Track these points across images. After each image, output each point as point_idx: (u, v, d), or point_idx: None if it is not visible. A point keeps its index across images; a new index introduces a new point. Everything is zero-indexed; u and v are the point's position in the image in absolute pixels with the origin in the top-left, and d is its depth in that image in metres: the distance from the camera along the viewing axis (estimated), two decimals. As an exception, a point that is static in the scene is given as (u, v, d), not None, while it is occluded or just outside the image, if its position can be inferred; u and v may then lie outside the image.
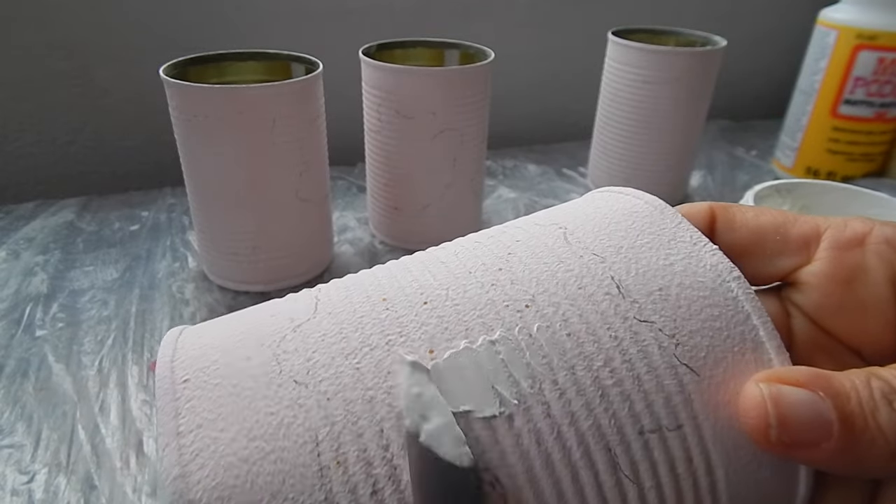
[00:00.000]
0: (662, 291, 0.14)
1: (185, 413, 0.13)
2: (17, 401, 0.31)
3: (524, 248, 0.16)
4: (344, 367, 0.13)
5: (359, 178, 0.55)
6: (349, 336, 0.14)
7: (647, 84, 0.48)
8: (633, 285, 0.14)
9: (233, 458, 0.12)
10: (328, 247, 0.42)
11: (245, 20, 0.53)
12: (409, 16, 0.58)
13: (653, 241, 0.15)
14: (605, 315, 0.14)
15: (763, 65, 0.76)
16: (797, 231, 0.16)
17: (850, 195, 0.39)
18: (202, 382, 0.13)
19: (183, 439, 0.12)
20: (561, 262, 0.15)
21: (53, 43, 0.49)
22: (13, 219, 0.47)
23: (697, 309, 0.14)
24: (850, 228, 0.16)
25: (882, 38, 0.50)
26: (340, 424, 0.12)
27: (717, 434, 0.13)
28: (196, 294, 0.39)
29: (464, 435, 0.12)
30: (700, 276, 0.15)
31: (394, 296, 0.15)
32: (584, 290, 0.14)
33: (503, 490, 0.12)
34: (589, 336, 0.13)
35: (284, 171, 0.36)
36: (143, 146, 0.55)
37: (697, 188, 0.56)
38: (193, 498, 0.12)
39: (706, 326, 0.14)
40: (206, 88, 0.33)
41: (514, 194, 0.54)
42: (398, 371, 0.13)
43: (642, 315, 0.14)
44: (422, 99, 0.39)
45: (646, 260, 0.15)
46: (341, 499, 0.12)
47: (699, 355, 0.14)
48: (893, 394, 0.13)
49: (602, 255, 0.15)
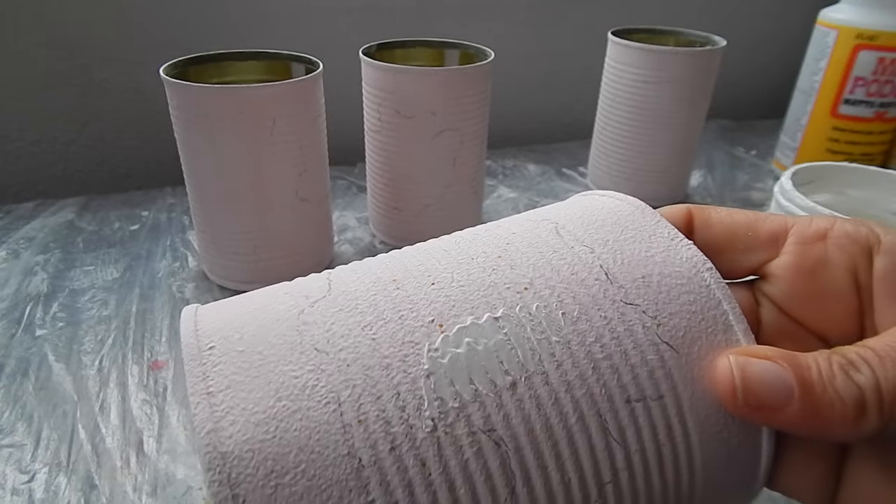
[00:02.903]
0: (645, 279, 0.16)
1: (213, 376, 0.14)
2: (17, 400, 0.31)
3: (520, 238, 0.17)
4: (361, 337, 0.14)
5: (359, 178, 0.55)
6: (364, 311, 0.15)
7: (647, 84, 0.48)
8: (619, 273, 0.16)
9: (261, 415, 0.13)
10: (328, 246, 0.42)
11: (245, 20, 0.53)
12: (409, 16, 0.58)
13: (635, 236, 0.17)
14: (596, 298, 0.15)
15: (763, 65, 0.76)
16: (767, 228, 0.18)
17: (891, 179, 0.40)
18: (227, 349, 0.14)
19: (213, 398, 0.13)
20: (555, 251, 0.17)
21: (53, 43, 0.49)
22: (13, 218, 0.47)
23: (675, 294, 0.16)
24: (814, 224, 0.17)
25: (882, 38, 0.50)
26: (360, 388, 0.14)
27: (693, 404, 0.15)
28: (196, 294, 0.39)
29: (474, 400, 0.14)
30: (677, 266, 0.16)
31: (402, 278, 0.16)
32: (576, 275, 0.16)
33: (507, 449, 0.14)
34: (582, 315, 0.15)
35: (284, 171, 0.36)
36: (143, 146, 0.55)
37: (697, 188, 0.56)
38: (226, 450, 0.13)
39: (683, 310, 0.16)
40: (206, 88, 0.33)
41: (514, 194, 0.54)
42: (412, 341, 0.14)
43: (628, 298, 0.16)
44: (422, 99, 0.39)
45: (630, 252, 0.17)
46: (363, 453, 0.13)
47: (678, 335, 0.15)
48: (850, 366, 0.14)
49: (591, 246, 0.17)
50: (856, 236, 0.16)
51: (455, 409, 0.14)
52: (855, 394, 0.14)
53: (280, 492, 0.12)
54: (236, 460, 0.13)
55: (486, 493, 0.13)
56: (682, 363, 0.15)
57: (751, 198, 0.55)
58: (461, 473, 0.13)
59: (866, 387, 0.14)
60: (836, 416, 0.14)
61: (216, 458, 0.13)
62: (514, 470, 0.14)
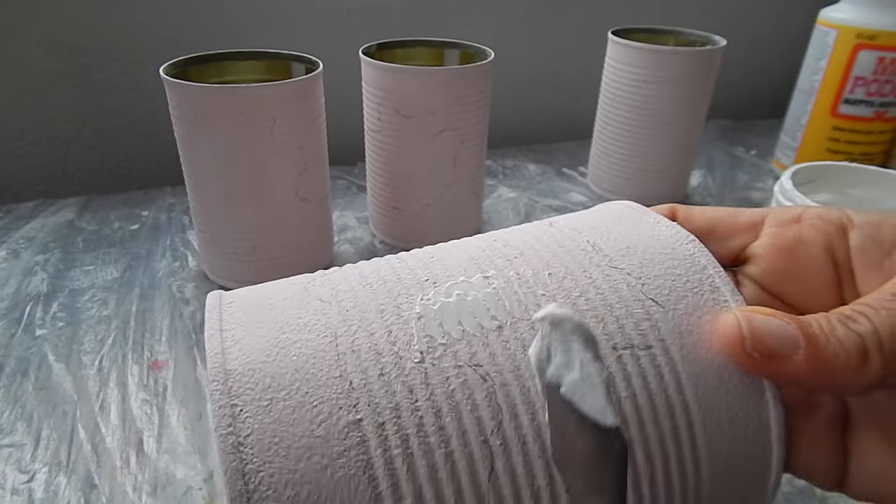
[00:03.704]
0: (630, 248, 0.17)
1: (227, 319, 0.16)
2: (17, 400, 0.31)
3: (515, 230, 0.19)
4: (361, 289, 0.16)
5: (359, 178, 0.55)
6: (367, 275, 0.17)
7: (647, 84, 0.48)
8: (604, 245, 0.17)
9: (265, 343, 0.15)
10: (328, 246, 0.42)
11: (245, 20, 0.53)
12: (409, 16, 0.58)
13: (620, 221, 0.18)
14: (581, 263, 0.17)
15: (763, 65, 0.76)
16: (746, 216, 0.19)
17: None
18: (242, 304, 0.16)
19: (225, 333, 0.15)
20: (546, 233, 0.18)
21: (53, 43, 0.49)
22: (13, 218, 0.47)
23: (660, 260, 0.17)
24: (789, 210, 0.19)
25: (882, 37, 0.50)
26: (356, 325, 0.15)
27: (684, 357, 0.15)
28: (196, 293, 0.39)
29: (461, 338, 0.15)
30: (661, 239, 0.17)
31: (405, 258, 0.18)
32: (563, 247, 0.17)
33: (492, 384, 0.14)
34: (567, 275, 0.16)
35: (284, 170, 0.36)
36: (143, 146, 0.55)
37: (697, 188, 0.56)
38: (230, 368, 0.14)
39: (668, 273, 0.16)
40: (206, 88, 0.33)
41: (514, 194, 0.54)
42: (407, 293, 0.16)
43: (612, 263, 0.16)
44: (422, 99, 0.39)
45: (615, 233, 0.18)
46: (354, 377, 0.14)
47: (662, 293, 0.16)
48: (847, 319, 0.15)
49: (579, 229, 0.18)
50: (828, 217, 0.18)
51: (443, 344, 0.15)
52: (856, 341, 0.14)
53: (275, 405, 0.14)
54: (238, 376, 0.14)
55: (473, 423, 0.14)
56: (668, 317, 0.16)
57: (751, 198, 0.55)
58: (447, 402, 0.14)
59: (866, 334, 0.14)
60: (841, 364, 0.14)
61: (220, 374, 0.14)
62: (501, 404, 0.14)
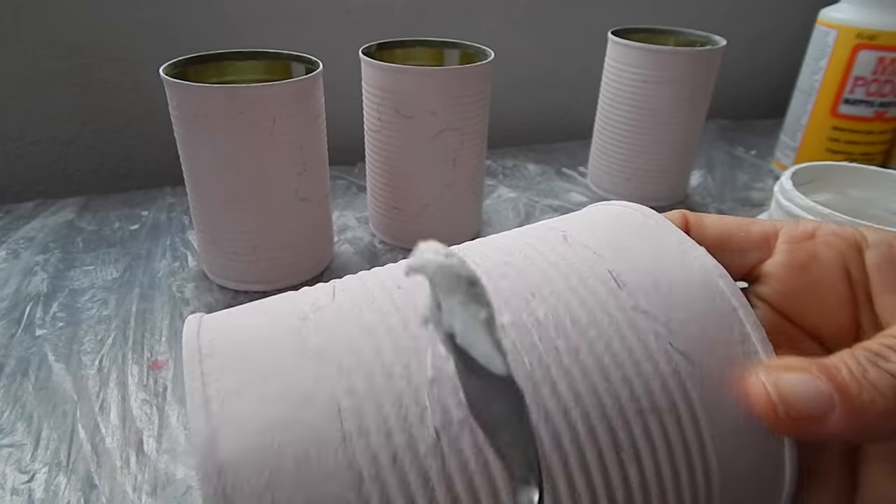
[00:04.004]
0: (656, 285, 0.15)
1: (211, 383, 0.13)
2: (17, 400, 0.31)
3: (526, 246, 0.17)
4: (364, 343, 0.14)
5: (359, 178, 0.55)
6: (367, 318, 0.14)
7: (647, 84, 0.48)
8: (629, 279, 0.15)
9: (259, 424, 0.13)
10: (328, 246, 0.42)
11: (245, 20, 0.53)
12: (409, 16, 0.58)
13: (643, 241, 0.17)
14: (605, 305, 0.15)
15: (763, 64, 0.76)
16: (757, 229, 0.18)
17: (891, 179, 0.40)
18: (227, 355, 0.14)
19: (210, 406, 0.13)
20: (563, 258, 0.16)
21: (53, 43, 0.49)
22: (13, 218, 0.47)
23: (688, 301, 0.15)
24: (801, 225, 0.18)
25: (882, 37, 0.50)
26: (362, 395, 0.13)
27: (709, 417, 0.14)
28: (196, 293, 0.39)
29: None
30: (690, 272, 0.16)
31: (408, 284, 0.15)
32: (585, 282, 0.15)
33: None
34: (591, 323, 0.14)
35: (284, 170, 0.36)
36: (143, 146, 0.55)
37: (697, 188, 0.56)
38: (221, 460, 0.12)
39: (697, 318, 0.15)
40: (206, 88, 0.33)
41: (514, 194, 0.54)
42: (415, 347, 0.14)
43: (639, 306, 0.15)
44: (422, 99, 0.39)
45: (640, 256, 0.16)
46: (363, 466, 0.12)
47: (691, 344, 0.15)
48: (877, 357, 0.14)
49: (600, 252, 0.16)
50: (843, 234, 0.17)
51: (460, 419, 0.13)
52: (891, 383, 0.14)
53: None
54: (231, 472, 0.12)
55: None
56: (695, 373, 0.14)
57: (751, 198, 0.55)
58: (466, 491, 0.12)
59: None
60: (879, 410, 0.13)
61: (211, 470, 0.12)
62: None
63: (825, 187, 0.41)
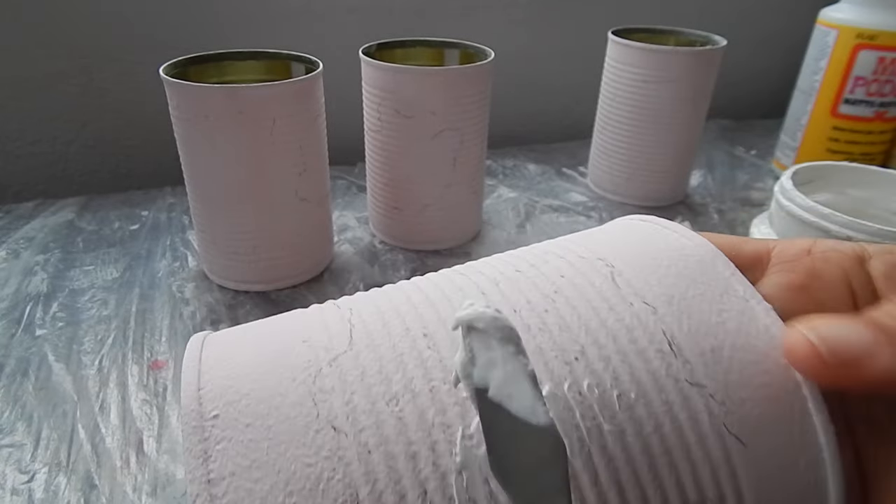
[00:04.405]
0: (715, 353, 0.14)
1: (215, 457, 0.12)
2: (17, 400, 0.31)
3: (570, 286, 0.15)
4: (386, 414, 0.13)
5: (359, 178, 0.55)
6: (390, 377, 0.13)
7: (647, 84, 0.48)
8: (685, 343, 0.14)
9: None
10: (328, 246, 0.42)
11: (245, 20, 0.53)
12: (409, 16, 0.58)
13: (705, 293, 0.15)
14: (657, 376, 0.13)
15: (763, 65, 0.76)
16: (749, 249, 0.17)
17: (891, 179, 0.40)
18: (233, 421, 0.13)
19: (214, 488, 0.12)
20: (611, 309, 0.14)
21: (53, 43, 0.49)
22: (13, 218, 0.47)
23: (749, 375, 0.14)
24: (796, 243, 0.17)
25: (882, 37, 0.50)
26: (382, 483, 0.12)
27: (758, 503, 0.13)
28: (196, 293, 0.39)
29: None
30: (753, 337, 0.14)
31: (434, 330, 0.14)
32: (635, 344, 0.14)
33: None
34: (640, 398, 0.13)
35: (284, 170, 0.36)
36: (143, 146, 0.55)
37: (697, 188, 0.56)
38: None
39: (757, 395, 0.14)
40: (206, 88, 0.33)
41: (514, 194, 0.54)
42: (443, 423, 0.12)
43: (693, 378, 0.13)
44: (422, 99, 0.39)
45: (698, 315, 0.14)
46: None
47: (747, 425, 0.13)
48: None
49: (653, 304, 0.14)
50: (842, 248, 0.16)
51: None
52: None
53: None
54: None
55: None
56: (749, 458, 0.13)
57: (751, 198, 0.55)
58: None
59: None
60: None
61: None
62: None
63: (825, 187, 0.41)
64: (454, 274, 0.16)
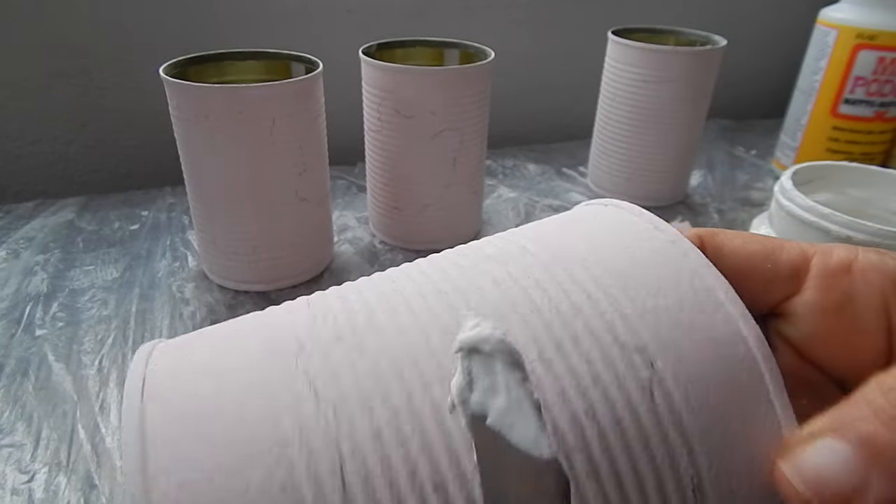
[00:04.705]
0: (700, 396, 0.13)
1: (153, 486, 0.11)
2: (17, 400, 0.31)
3: (569, 307, 0.14)
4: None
5: (359, 178, 0.55)
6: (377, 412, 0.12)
7: (647, 84, 0.48)
8: (671, 381, 0.13)
9: None
10: (328, 246, 0.42)
11: (245, 20, 0.53)
12: (409, 16, 0.58)
13: (692, 319, 0.14)
14: (641, 423, 0.13)
15: (763, 65, 0.76)
16: (786, 259, 0.16)
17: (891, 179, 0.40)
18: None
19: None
20: (598, 345, 0.13)
21: (53, 43, 0.49)
22: (13, 218, 0.47)
23: (728, 418, 0.13)
24: (836, 255, 0.15)
25: (882, 37, 0.50)
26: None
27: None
28: (196, 293, 0.39)
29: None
30: (735, 370, 0.13)
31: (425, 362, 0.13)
32: (621, 385, 0.13)
33: None
34: (634, 440, 0.12)
35: (284, 170, 0.36)
36: (143, 146, 0.55)
37: (697, 188, 0.56)
38: None
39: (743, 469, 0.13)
40: (206, 88, 0.33)
41: (514, 194, 0.54)
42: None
43: (679, 422, 0.13)
44: (422, 99, 0.39)
45: (685, 349, 0.13)
46: None
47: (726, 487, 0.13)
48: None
49: (640, 344, 0.13)
50: (884, 269, 0.15)
51: None
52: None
53: None
54: None
55: None
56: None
57: (751, 197, 0.55)
58: None
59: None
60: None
61: None
62: None
63: (825, 187, 0.41)
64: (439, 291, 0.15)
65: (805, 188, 0.40)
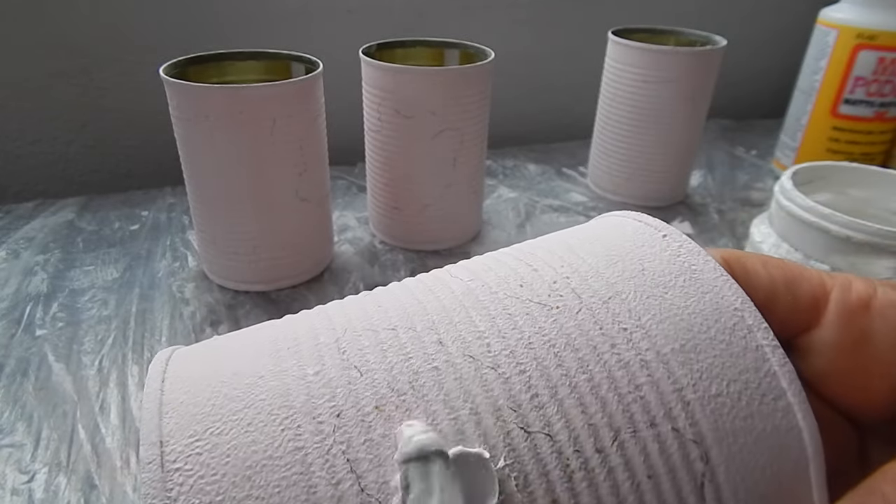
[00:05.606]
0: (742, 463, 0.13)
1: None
2: (17, 400, 0.31)
3: (602, 370, 0.13)
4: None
5: (359, 178, 0.55)
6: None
7: (647, 84, 0.48)
8: (711, 442, 0.13)
9: None
10: (328, 246, 0.42)
11: (245, 20, 0.53)
12: (409, 16, 0.58)
13: (733, 379, 0.13)
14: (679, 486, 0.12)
15: (763, 65, 0.76)
16: (806, 290, 0.15)
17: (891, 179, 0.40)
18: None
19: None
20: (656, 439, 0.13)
21: (53, 43, 0.49)
22: (13, 218, 0.47)
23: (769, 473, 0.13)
24: (856, 290, 0.15)
25: (882, 37, 0.50)
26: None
27: None
28: (196, 293, 0.39)
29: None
30: (775, 420, 0.13)
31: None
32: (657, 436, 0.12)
33: None
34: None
35: (284, 170, 0.36)
36: (143, 146, 0.55)
37: (697, 188, 0.56)
38: None
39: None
40: (206, 88, 0.33)
41: (514, 194, 0.54)
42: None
43: (714, 477, 0.12)
44: (422, 99, 0.39)
45: (722, 401, 0.13)
46: None
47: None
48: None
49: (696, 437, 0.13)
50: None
51: None
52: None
53: None
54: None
55: None
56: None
57: (751, 198, 0.55)
58: None
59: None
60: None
61: None
62: None
63: (825, 187, 0.41)
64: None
65: (805, 188, 0.40)
